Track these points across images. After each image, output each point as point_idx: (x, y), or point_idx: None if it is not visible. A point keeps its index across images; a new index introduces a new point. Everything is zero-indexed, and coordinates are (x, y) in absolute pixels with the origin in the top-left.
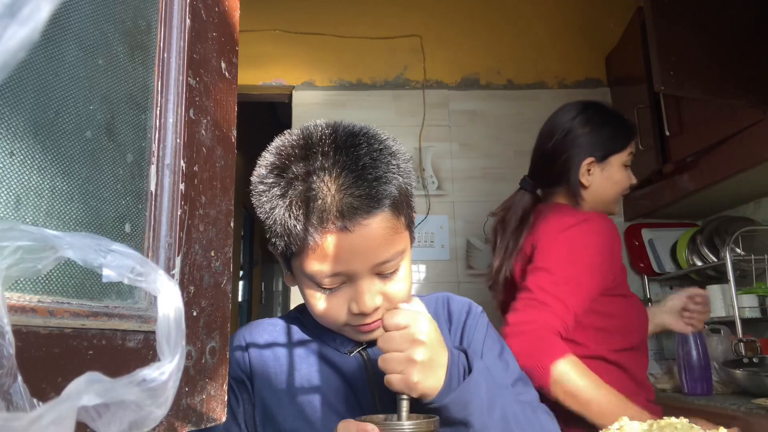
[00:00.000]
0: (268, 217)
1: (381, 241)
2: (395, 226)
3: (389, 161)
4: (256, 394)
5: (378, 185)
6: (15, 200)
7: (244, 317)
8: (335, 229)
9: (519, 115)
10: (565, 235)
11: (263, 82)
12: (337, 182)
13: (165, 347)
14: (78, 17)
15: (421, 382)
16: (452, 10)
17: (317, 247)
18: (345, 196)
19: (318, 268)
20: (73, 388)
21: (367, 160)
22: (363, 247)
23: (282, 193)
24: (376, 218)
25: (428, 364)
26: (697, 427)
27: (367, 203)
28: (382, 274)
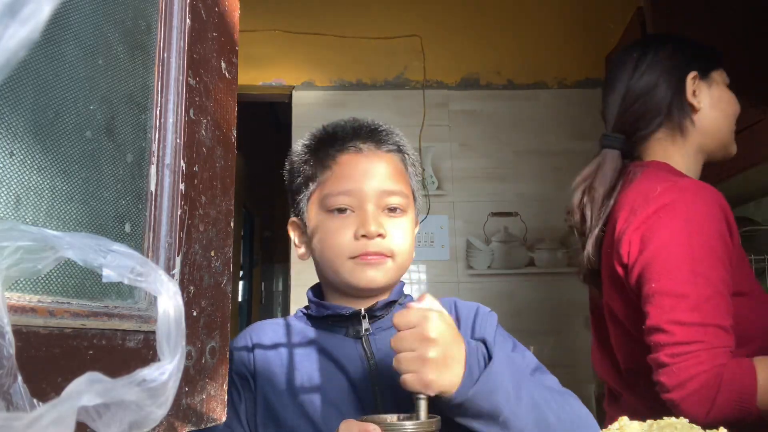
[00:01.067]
0: (298, 167)
1: (389, 171)
2: (402, 172)
3: (403, 138)
4: (258, 391)
5: (390, 136)
6: (15, 200)
7: (244, 317)
8: (351, 150)
9: (519, 115)
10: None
11: (263, 82)
12: (355, 130)
13: (165, 347)
14: (78, 17)
15: (437, 380)
16: (452, 10)
17: (334, 170)
18: (361, 134)
19: (333, 188)
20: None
21: (387, 128)
22: (373, 170)
23: (315, 143)
24: (388, 155)
25: (441, 361)
26: (697, 427)
27: (379, 139)
28: (386, 209)
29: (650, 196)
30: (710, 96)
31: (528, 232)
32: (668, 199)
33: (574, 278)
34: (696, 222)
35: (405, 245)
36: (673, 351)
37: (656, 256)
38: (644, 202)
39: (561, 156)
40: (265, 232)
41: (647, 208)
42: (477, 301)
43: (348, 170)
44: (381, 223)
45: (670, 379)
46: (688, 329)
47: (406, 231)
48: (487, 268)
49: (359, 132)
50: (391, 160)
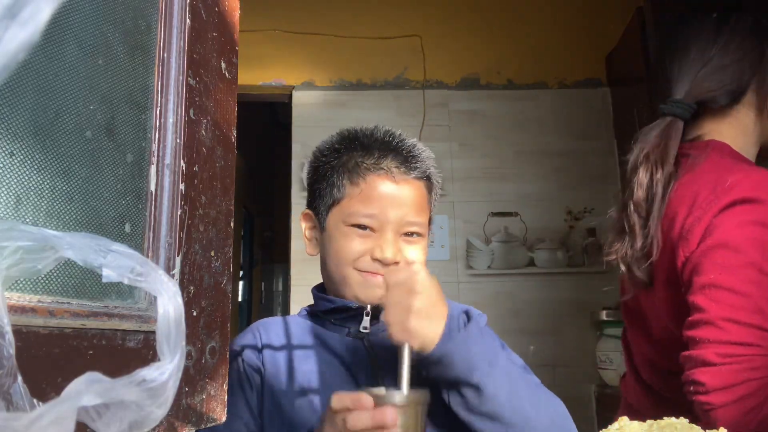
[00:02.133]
0: (320, 177)
1: (415, 201)
2: (425, 200)
3: (429, 157)
4: (265, 387)
5: (423, 161)
6: (15, 200)
7: (244, 317)
8: (383, 175)
9: (519, 115)
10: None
11: (263, 82)
12: (390, 149)
13: (165, 347)
14: (78, 18)
15: (418, 329)
16: (452, 11)
17: (363, 190)
18: (397, 157)
19: (359, 208)
20: (73, 388)
21: (414, 147)
22: (400, 199)
23: (340, 156)
24: (416, 182)
25: (425, 312)
26: (697, 427)
27: (414, 167)
28: (405, 236)
29: (719, 188)
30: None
31: (528, 232)
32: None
33: (574, 278)
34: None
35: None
36: (724, 351)
37: (719, 246)
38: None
39: (561, 156)
40: (265, 232)
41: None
42: (477, 301)
43: (376, 193)
44: (399, 249)
45: (713, 379)
46: (746, 330)
47: (421, 254)
48: (487, 268)
49: (392, 150)
50: (418, 189)
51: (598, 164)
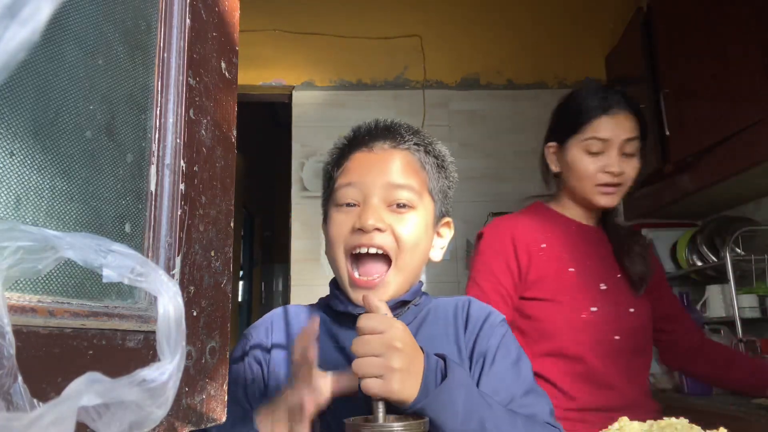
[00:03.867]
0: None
1: (397, 166)
2: (414, 167)
3: (430, 140)
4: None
5: (407, 133)
6: (15, 200)
7: (244, 317)
8: (362, 149)
9: (519, 115)
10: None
11: (263, 82)
12: (378, 128)
13: (165, 347)
14: (78, 17)
15: (400, 389)
16: (452, 10)
17: (345, 167)
18: (380, 135)
19: (341, 182)
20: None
21: (408, 127)
22: (378, 165)
23: (337, 150)
24: (397, 151)
25: (406, 371)
26: (697, 427)
27: (392, 137)
28: (394, 205)
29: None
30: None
31: None
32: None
33: None
34: (483, 246)
35: (409, 242)
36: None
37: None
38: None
39: None
40: (265, 232)
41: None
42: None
43: (356, 165)
44: (381, 217)
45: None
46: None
47: (414, 227)
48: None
49: (376, 130)
50: (405, 156)
51: None
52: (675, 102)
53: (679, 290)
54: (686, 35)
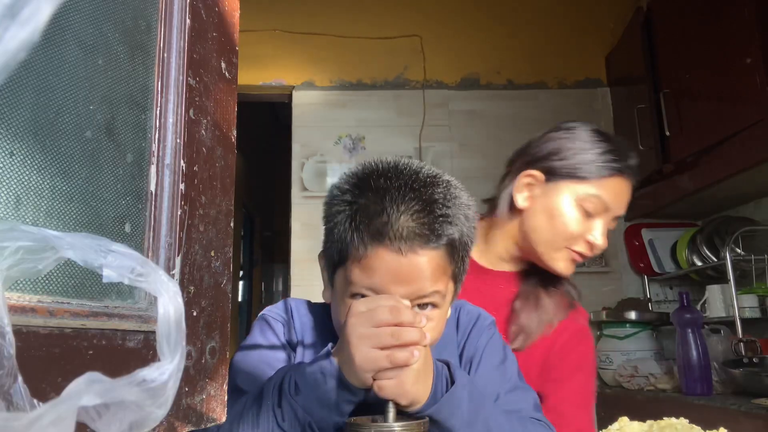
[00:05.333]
0: (331, 220)
1: (427, 275)
2: (444, 269)
3: (461, 208)
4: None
5: (443, 222)
6: (15, 200)
7: (244, 317)
8: (389, 247)
9: (519, 115)
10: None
11: (263, 82)
12: (406, 206)
13: (165, 347)
14: (78, 17)
15: (413, 390)
16: (452, 10)
17: (365, 258)
18: (408, 221)
19: (359, 278)
20: (73, 389)
21: (440, 197)
22: (408, 274)
23: (352, 201)
24: (430, 252)
25: (422, 372)
26: (697, 428)
27: (428, 235)
28: (416, 308)
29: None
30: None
31: None
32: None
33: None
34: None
35: (433, 339)
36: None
37: None
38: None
39: None
40: (265, 232)
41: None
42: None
43: (378, 266)
44: None
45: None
46: None
47: (438, 324)
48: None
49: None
50: (434, 259)
51: None
52: (675, 102)
53: (679, 290)
54: (686, 35)
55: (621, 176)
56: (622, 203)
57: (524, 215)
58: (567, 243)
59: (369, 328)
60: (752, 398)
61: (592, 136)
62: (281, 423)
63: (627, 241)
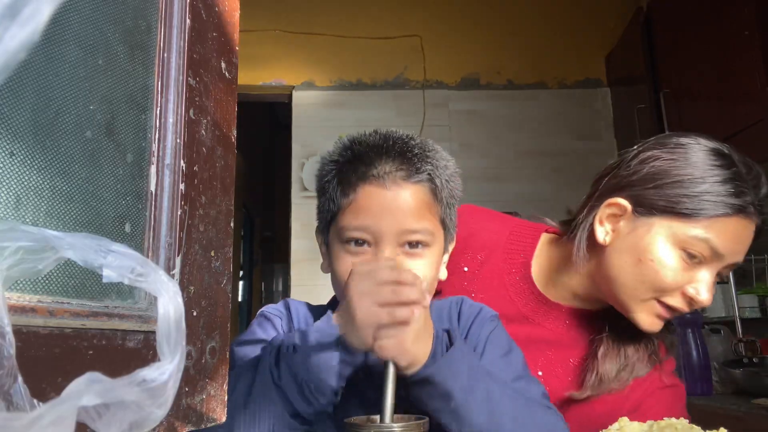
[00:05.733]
0: (321, 186)
1: (413, 208)
2: (429, 205)
3: (439, 160)
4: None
5: (423, 164)
6: (15, 200)
7: (244, 317)
8: (374, 182)
9: (519, 115)
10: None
11: (263, 82)
12: (387, 153)
13: (165, 347)
14: (78, 17)
15: (412, 348)
16: (452, 10)
17: (353, 201)
18: (389, 162)
19: (349, 221)
20: (74, 389)
21: (418, 150)
22: (395, 207)
23: (338, 162)
24: (413, 186)
25: (422, 330)
26: (697, 428)
27: (407, 169)
28: (408, 247)
29: None
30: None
31: None
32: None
33: None
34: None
35: (425, 282)
36: None
37: None
38: None
39: (561, 156)
40: (265, 232)
41: None
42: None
43: (366, 203)
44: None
45: None
46: None
47: (428, 266)
48: None
49: (385, 154)
50: (417, 194)
51: (598, 164)
52: (675, 102)
53: None
54: (686, 35)
55: (740, 215)
56: (740, 249)
57: (606, 252)
58: (657, 294)
59: (370, 285)
60: (752, 398)
61: (708, 157)
62: (277, 381)
63: None
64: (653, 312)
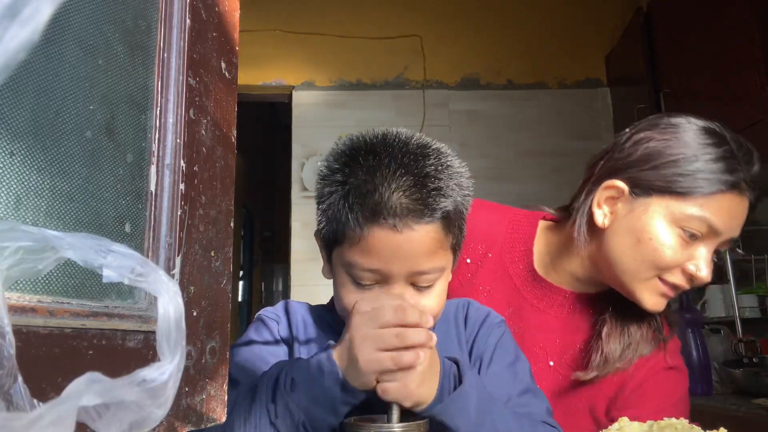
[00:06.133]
0: (324, 200)
1: (425, 250)
2: (441, 242)
3: (453, 178)
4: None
5: (436, 196)
6: (15, 200)
7: (244, 317)
8: (384, 225)
9: (519, 115)
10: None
11: (263, 82)
12: (397, 183)
13: (165, 347)
14: (78, 17)
15: (417, 391)
16: (452, 10)
17: (362, 240)
18: (401, 197)
19: (358, 261)
20: (74, 389)
21: (431, 170)
22: (406, 251)
23: (343, 180)
24: (425, 227)
25: (428, 373)
26: (697, 427)
27: (421, 210)
28: (416, 285)
29: None
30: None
31: None
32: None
33: None
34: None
35: (434, 313)
36: None
37: None
38: None
39: (561, 156)
40: (265, 232)
41: None
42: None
43: (376, 246)
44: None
45: None
46: None
47: (438, 296)
48: None
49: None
50: (430, 234)
51: None
52: (675, 102)
53: None
54: (686, 35)
55: (733, 191)
56: (736, 224)
57: (605, 235)
58: (658, 273)
59: (373, 329)
60: (752, 398)
61: (699, 136)
62: (274, 420)
63: None
64: (656, 291)
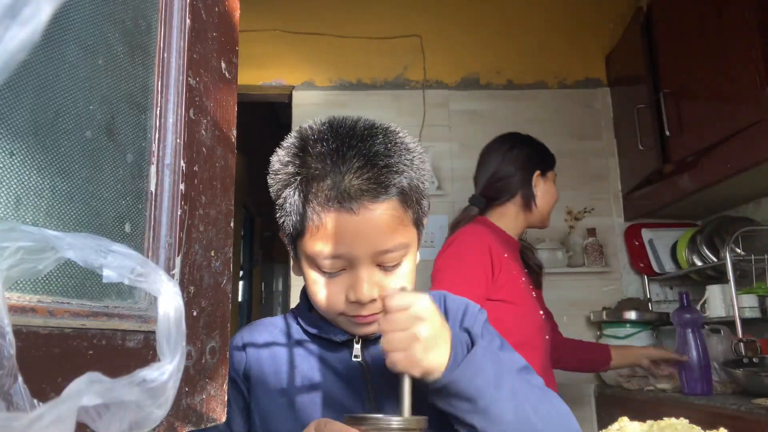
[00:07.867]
0: (279, 195)
1: (385, 228)
2: (401, 218)
3: (403, 154)
4: (252, 396)
5: (388, 173)
6: (15, 200)
7: (244, 317)
8: (341, 210)
9: (519, 115)
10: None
11: (263, 82)
12: (347, 165)
13: (165, 347)
14: (78, 17)
15: (425, 359)
16: (452, 10)
17: (320, 227)
18: (353, 179)
19: (319, 249)
20: (74, 389)
21: (381, 148)
22: (366, 231)
23: (295, 172)
24: (382, 204)
25: (432, 340)
26: (697, 428)
27: (375, 188)
28: (383, 265)
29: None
30: (543, 189)
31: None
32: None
33: (574, 278)
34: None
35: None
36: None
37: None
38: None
39: (561, 156)
40: (265, 232)
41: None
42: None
43: (334, 230)
44: (375, 283)
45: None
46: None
47: (405, 276)
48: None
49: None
50: (387, 210)
51: (598, 164)
52: (675, 102)
53: (678, 290)
54: (686, 35)
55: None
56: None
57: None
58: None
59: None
60: (752, 398)
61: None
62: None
63: (627, 241)
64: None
